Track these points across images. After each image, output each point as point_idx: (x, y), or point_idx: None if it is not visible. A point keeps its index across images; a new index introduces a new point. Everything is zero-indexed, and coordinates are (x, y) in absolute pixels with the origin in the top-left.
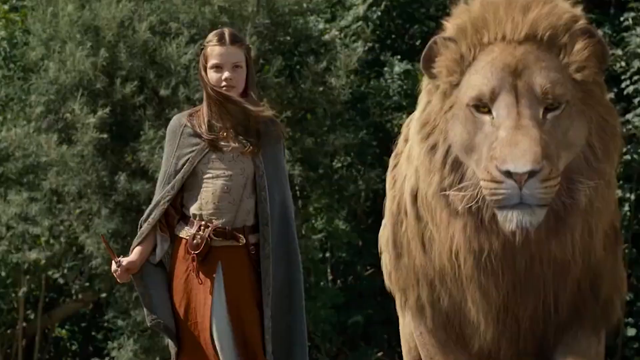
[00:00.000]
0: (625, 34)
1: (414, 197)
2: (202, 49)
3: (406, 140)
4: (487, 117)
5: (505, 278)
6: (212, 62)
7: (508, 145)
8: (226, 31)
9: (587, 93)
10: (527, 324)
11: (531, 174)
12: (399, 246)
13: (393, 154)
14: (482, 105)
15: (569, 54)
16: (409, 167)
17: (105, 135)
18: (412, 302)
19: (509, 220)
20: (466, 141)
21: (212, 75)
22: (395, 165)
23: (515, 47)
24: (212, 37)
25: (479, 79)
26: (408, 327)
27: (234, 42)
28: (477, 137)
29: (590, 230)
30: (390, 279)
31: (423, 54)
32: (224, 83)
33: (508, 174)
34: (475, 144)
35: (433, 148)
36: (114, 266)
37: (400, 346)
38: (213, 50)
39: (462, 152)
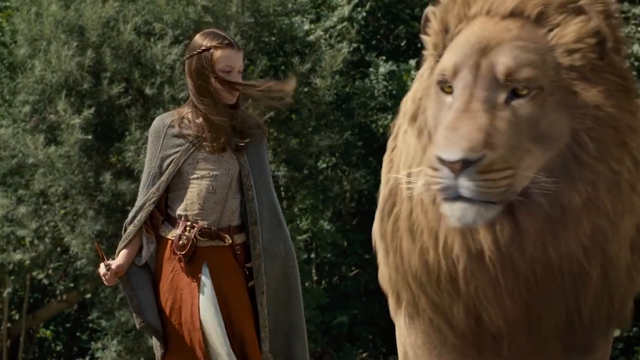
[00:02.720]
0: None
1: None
2: (206, 49)
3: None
4: (449, 98)
5: (513, 284)
6: (222, 64)
7: (447, 129)
8: (228, 35)
9: (579, 80)
10: (552, 334)
11: (466, 163)
12: (388, 237)
13: (391, 137)
14: (447, 84)
15: (558, 36)
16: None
17: (90, 137)
18: (406, 303)
19: (450, 215)
20: (432, 124)
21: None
22: (393, 149)
23: (497, 22)
24: (214, 39)
25: (447, 54)
26: (403, 333)
27: (239, 47)
28: (439, 119)
29: (603, 233)
30: (382, 276)
31: (422, 18)
32: None
33: (442, 161)
34: (437, 127)
35: (421, 132)
36: (102, 269)
37: (384, 346)
38: (224, 52)
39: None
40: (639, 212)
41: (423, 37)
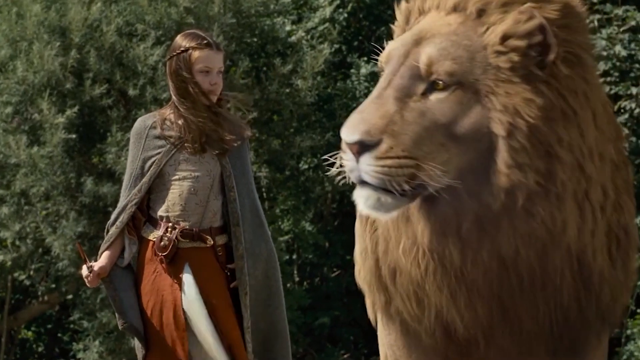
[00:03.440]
0: (590, 37)
1: None
2: (184, 50)
3: None
4: None
5: (472, 288)
6: (200, 65)
7: (355, 112)
8: (207, 36)
9: (505, 83)
10: (536, 335)
11: (364, 147)
12: (367, 238)
13: None
14: (382, 72)
15: (492, 34)
16: None
17: (74, 136)
18: (380, 305)
19: (356, 200)
20: None
21: (198, 78)
22: None
23: (442, 16)
24: (193, 40)
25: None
26: (381, 332)
27: (219, 47)
28: None
29: (547, 240)
30: (359, 276)
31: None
32: (210, 87)
33: (346, 143)
34: None
35: None
36: (85, 271)
37: (366, 347)
38: (202, 53)
39: None
40: (612, 215)
41: (393, 28)
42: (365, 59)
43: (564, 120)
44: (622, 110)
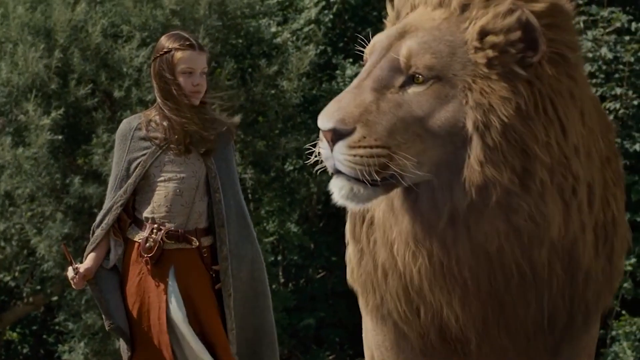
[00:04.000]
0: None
1: None
2: (167, 52)
3: None
4: None
5: (463, 286)
6: (183, 66)
7: (332, 101)
8: (191, 37)
9: (483, 78)
10: (532, 332)
11: (338, 135)
12: (363, 240)
13: None
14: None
15: (471, 29)
16: None
17: (59, 137)
18: (372, 306)
19: (332, 191)
20: None
21: (181, 80)
22: None
23: (429, 12)
24: (175, 41)
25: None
26: (370, 333)
27: (202, 48)
28: None
29: (532, 237)
30: (352, 276)
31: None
32: (193, 89)
33: (321, 130)
34: None
35: None
36: (70, 273)
37: (351, 349)
38: (184, 54)
39: None
40: (597, 212)
41: (385, 23)
42: (351, 60)
43: (544, 120)
44: (607, 112)
